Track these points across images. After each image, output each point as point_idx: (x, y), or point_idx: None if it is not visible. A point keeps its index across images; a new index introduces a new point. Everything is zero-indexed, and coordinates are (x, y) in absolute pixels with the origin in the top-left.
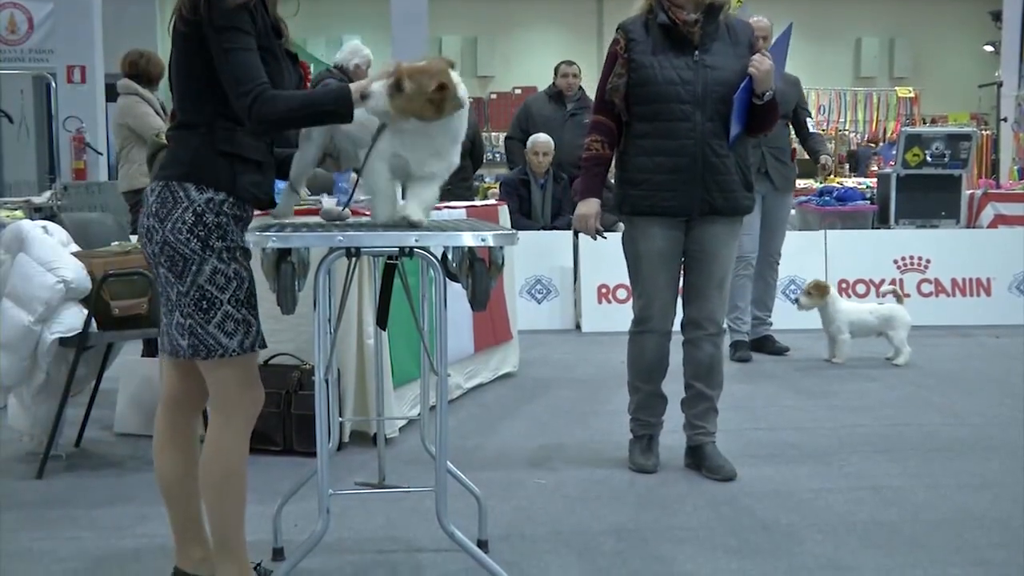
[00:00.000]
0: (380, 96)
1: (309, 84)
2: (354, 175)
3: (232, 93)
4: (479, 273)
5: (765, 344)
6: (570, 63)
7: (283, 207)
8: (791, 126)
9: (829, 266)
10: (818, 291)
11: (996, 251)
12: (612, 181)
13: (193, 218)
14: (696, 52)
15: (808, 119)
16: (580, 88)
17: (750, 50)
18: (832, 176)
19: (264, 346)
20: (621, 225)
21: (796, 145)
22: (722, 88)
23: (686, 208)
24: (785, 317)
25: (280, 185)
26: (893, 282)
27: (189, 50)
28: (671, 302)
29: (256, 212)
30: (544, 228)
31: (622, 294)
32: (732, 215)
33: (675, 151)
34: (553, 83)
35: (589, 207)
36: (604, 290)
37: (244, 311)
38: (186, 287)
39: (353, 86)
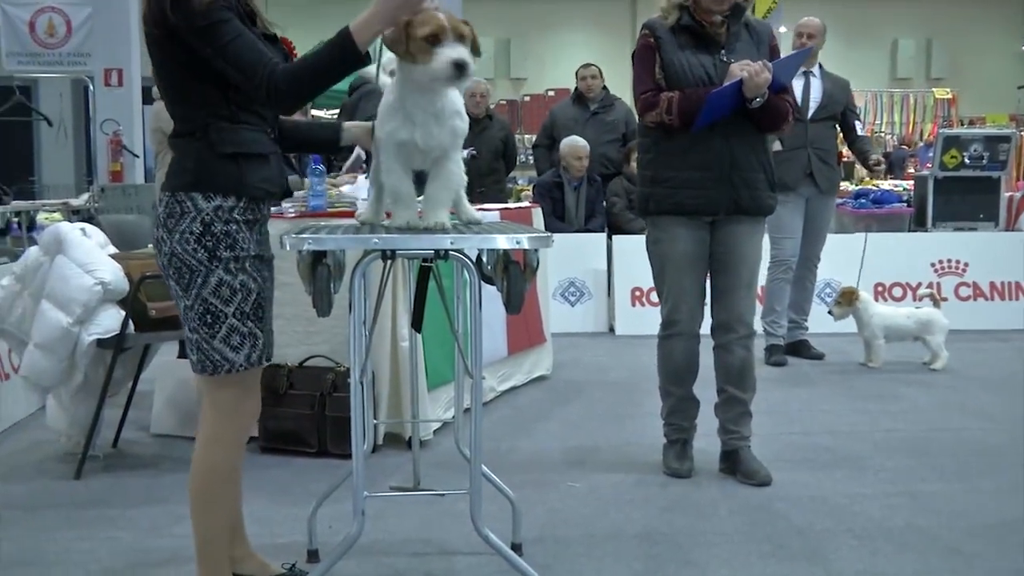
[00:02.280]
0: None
1: (349, 90)
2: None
3: (244, 83)
4: (514, 276)
5: (801, 348)
6: (587, 66)
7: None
8: (838, 128)
9: (865, 269)
10: (846, 299)
11: None
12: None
13: (201, 228)
14: (722, 51)
15: (857, 122)
16: (604, 88)
17: (769, 48)
18: (869, 179)
19: (269, 358)
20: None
21: (842, 148)
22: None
23: (712, 207)
24: (821, 321)
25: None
26: (930, 286)
27: (169, 56)
28: (698, 304)
29: (309, 205)
30: (578, 231)
31: (656, 297)
32: (757, 214)
33: (701, 149)
34: (575, 87)
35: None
36: (638, 293)
37: (250, 324)
38: (191, 300)
39: (352, 25)
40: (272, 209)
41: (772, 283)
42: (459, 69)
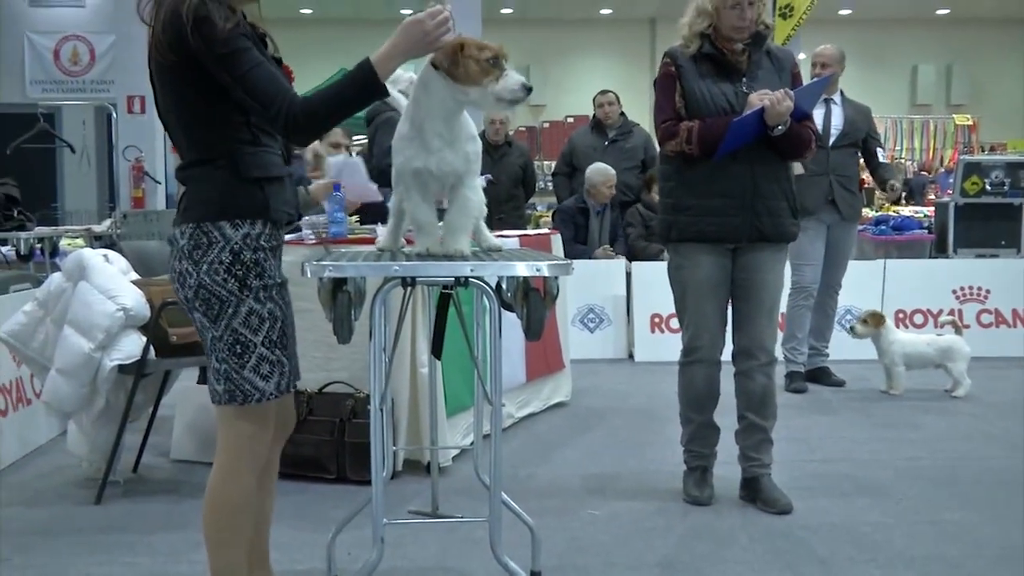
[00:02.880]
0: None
1: (366, 120)
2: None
3: (261, 113)
4: (534, 303)
5: (821, 375)
6: (604, 92)
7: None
8: (860, 155)
9: (887, 296)
10: (874, 321)
11: None
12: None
13: (230, 257)
14: (743, 80)
15: (879, 148)
16: (622, 115)
17: (792, 76)
18: (888, 205)
19: (295, 386)
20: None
21: (863, 174)
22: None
23: (734, 234)
24: (842, 348)
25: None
26: (952, 312)
27: (187, 83)
28: (720, 331)
29: (330, 231)
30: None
31: (675, 323)
32: (779, 241)
33: (724, 177)
34: (593, 114)
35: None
36: (657, 319)
37: (277, 352)
38: (220, 331)
39: (373, 57)
40: (292, 236)
41: (793, 310)
42: (527, 91)
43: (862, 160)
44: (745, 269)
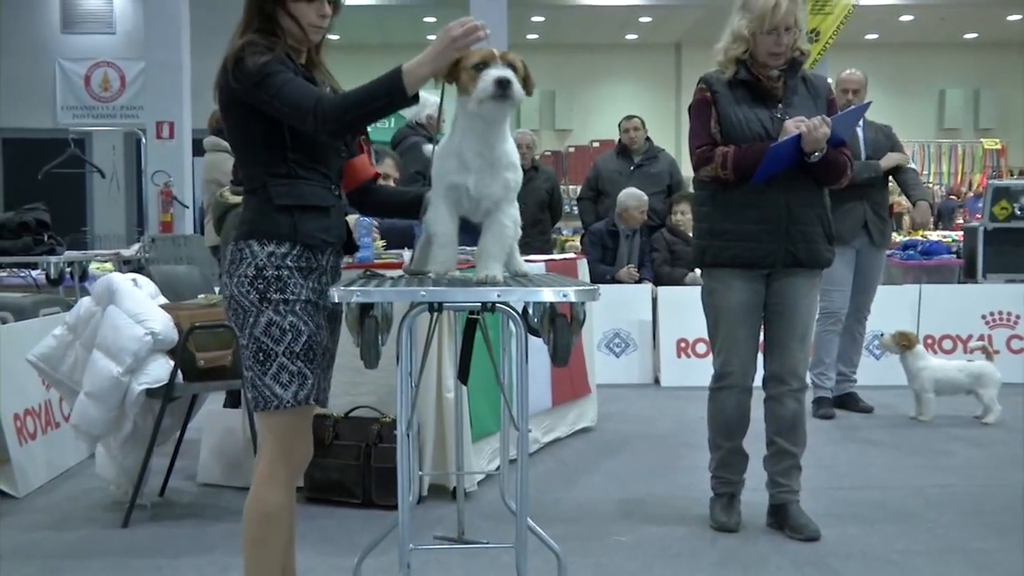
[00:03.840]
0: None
1: (392, 143)
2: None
3: (295, 117)
4: (560, 328)
5: (849, 401)
6: (630, 118)
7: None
8: (891, 177)
9: (914, 321)
10: (903, 339)
11: None
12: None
13: (254, 271)
14: (779, 106)
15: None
16: (647, 140)
17: (827, 102)
18: (915, 229)
19: (319, 400)
20: (696, 276)
21: (899, 198)
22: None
23: (769, 259)
24: (870, 374)
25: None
26: (982, 338)
27: (235, 121)
28: (752, 357)
29: (346, 259)
30: (633, 282)
31: (701, 348)
32: (814, 267)
33: (758, 202)
34: (619, 139)
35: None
36: (683, 344)
37: (299, 363)
38: (246, 339)
39: (405, 65)
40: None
41: (821, 335)
42: (501, 85)
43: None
44: (779, 295)
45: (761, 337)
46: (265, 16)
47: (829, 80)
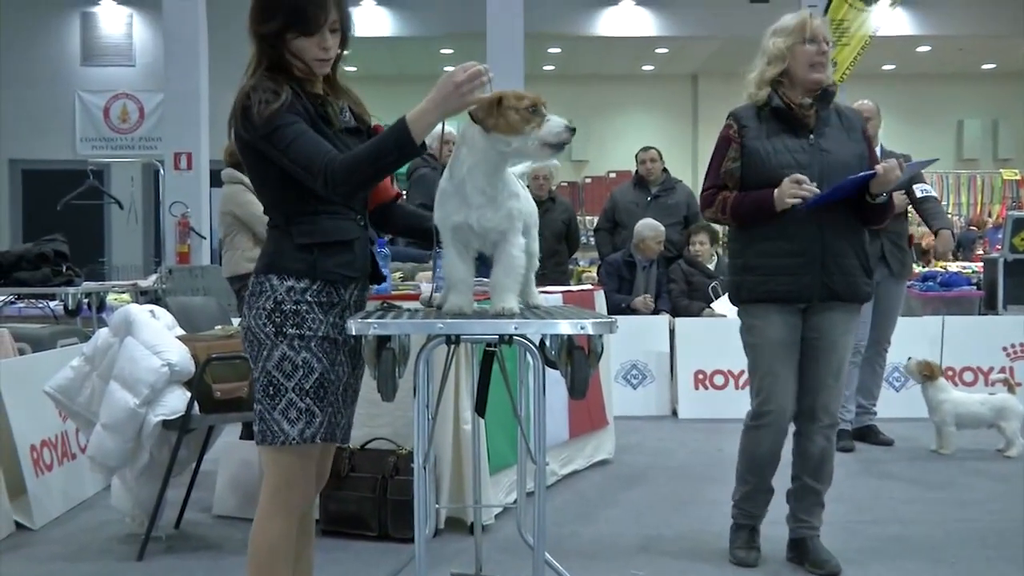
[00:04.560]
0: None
1: (408, 173)
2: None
3: (305, 178)
4: (578, 361)
5: (869, 434)
6: (647, 149)
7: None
8: (909, 203)
9: (935, 353)
10: (926, 369)
11: None
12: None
13: (272, 305)
14: (811, 135)
15: (921, 184)
16: (664, 171)
17: (863, 136)
18: (935, 261)
19: (331, 438)
20: (712, 309)
21: (919, 227)
22: (839, 171)
23: (805, 293)
24: (890, 406)
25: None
26: (1003, 370)
27: (251, 165)
28: (790, 395)
29: (373, 288)
30: (650, 313)
31: (719, 380)
32: (851, 301)
33: (793, 235)
34: (635, 170)
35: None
36: (701, 376)
37: (308, 401)
38: (258, 372)
39: (409, 115)
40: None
41: None
42: (572, 132)
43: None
44: (816, 329)
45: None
46: (272, 53)
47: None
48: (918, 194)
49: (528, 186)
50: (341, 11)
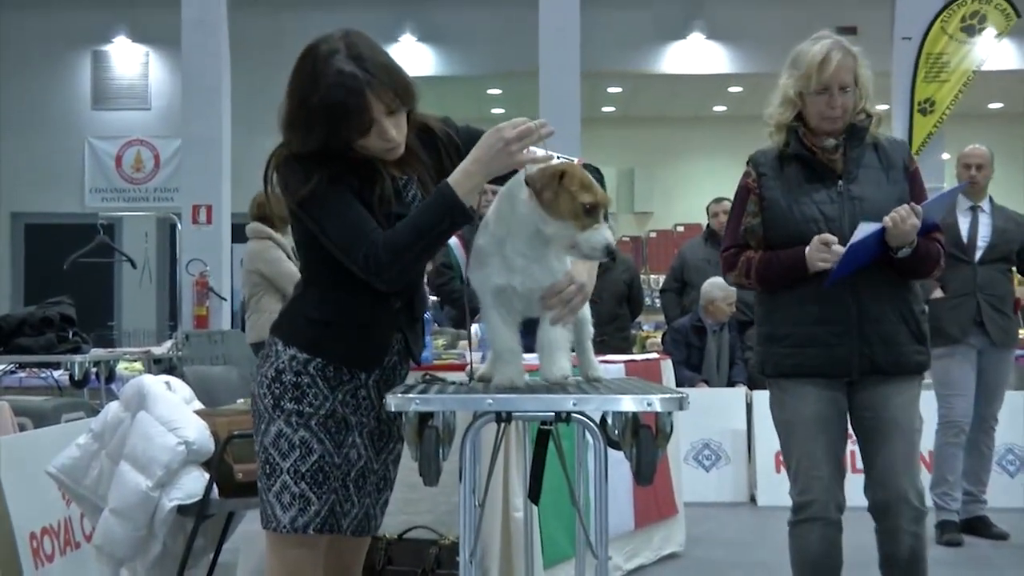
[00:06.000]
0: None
1: None
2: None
3: (346, 261)
4: (644, 442)
5: (979, 526)
6: (720, 200)
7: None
8: (1016, 270)
9: None
10: None
11: None
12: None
13: (274, 373)
14: (840, 182)
15: None
16: None
17: (906, 173)
18: None
19: (327, 531)
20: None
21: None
22: (875, 221)
23: (842, 367)
24: (1003, 494)
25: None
26: None
27: (291, 218)
28: (835, 480)
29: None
30: (722, 386)
31: None
32: (900, 374)
33: (822, 298)
34: (707, 224)
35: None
36: (782, 457)
37: (304, 485)
38: (258, 446)
39: (452, 177)
40: None
41: (942, 448)
42: (609, 255)
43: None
44: (867, 408)
45: (857, 462)
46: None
47: (946, 155)
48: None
49: None
50: (395, 83)
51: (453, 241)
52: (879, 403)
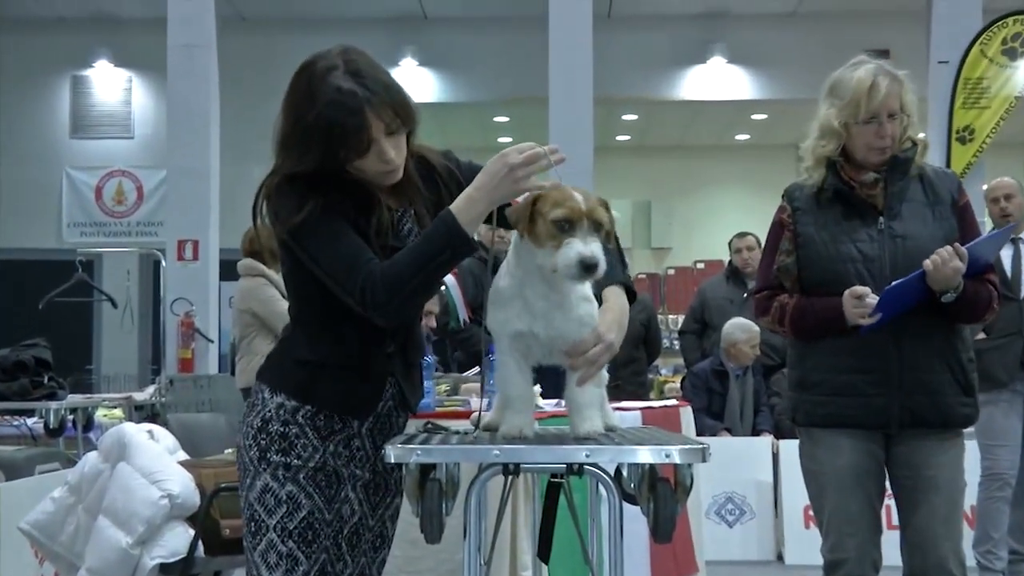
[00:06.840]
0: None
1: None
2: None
3: (340, 294)
4: (663, 496)
5: None
6: (743, 235)
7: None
8: None
9: None
10: None
11: None
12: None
13: (260, 423)
14: (881, 219)
15: None
16: None
17: (954, 208)
18: None
19: None
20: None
21: None
22: (919, 261)
23: (880, 418)
24: None
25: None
26: None
27: (281, 251)
28: (871, 538)
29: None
30: (746, 434)
31: None
32: (944, 427)
33: (860, 345)
34: (729, 260)
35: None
36: (812, 512)
37: (291, 544)
38: (243, 502)
39: (454, 205)
40: None
41: (986, 503)
42: (586, 270)
43: None
44: (905, 464)
45: (893, 517)
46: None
47: (985, 186)
48: None
49: None
50: (395, 101)
51: (450, 280)
52: (920, 460)
